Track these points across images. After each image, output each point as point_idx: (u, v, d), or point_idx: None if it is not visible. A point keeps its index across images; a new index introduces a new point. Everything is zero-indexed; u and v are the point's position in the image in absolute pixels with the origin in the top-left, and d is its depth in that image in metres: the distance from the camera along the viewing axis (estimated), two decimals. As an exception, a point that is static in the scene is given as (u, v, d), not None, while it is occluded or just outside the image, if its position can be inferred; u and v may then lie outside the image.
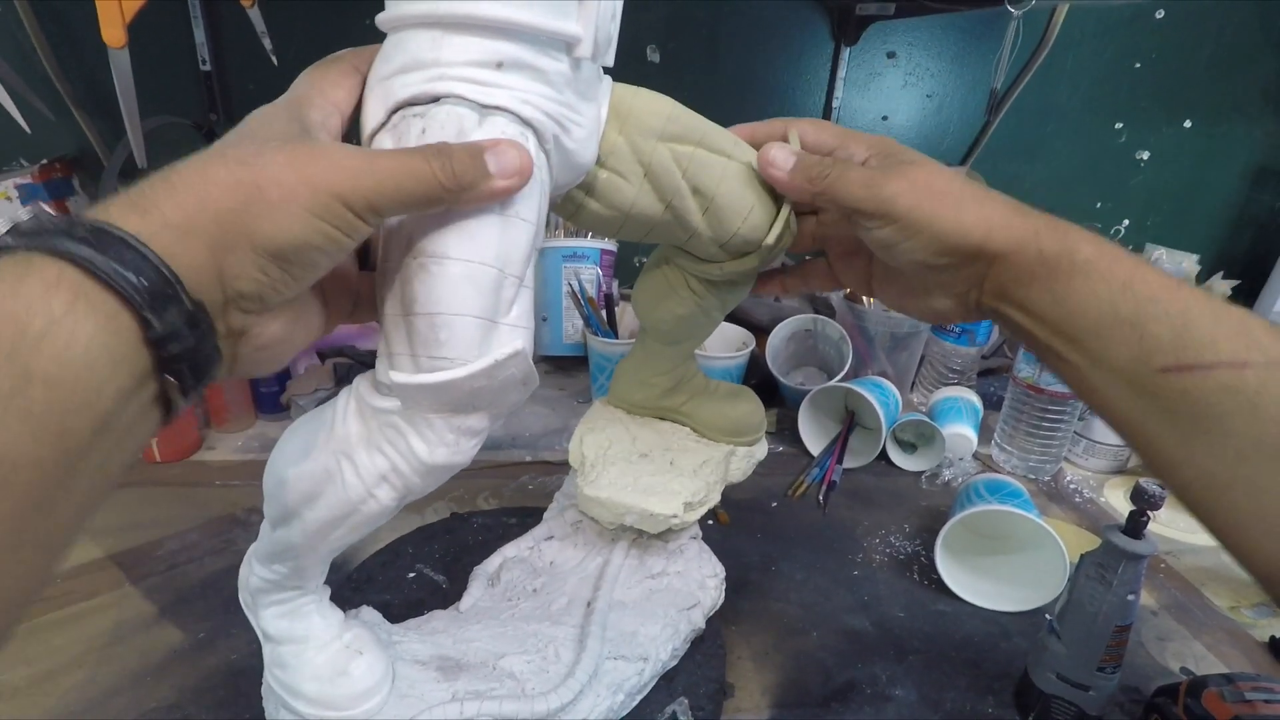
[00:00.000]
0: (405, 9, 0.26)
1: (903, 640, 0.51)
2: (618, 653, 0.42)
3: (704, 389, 0.51)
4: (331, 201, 0.23)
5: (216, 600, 0.51)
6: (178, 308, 0.20)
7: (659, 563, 0.50)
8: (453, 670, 0.40)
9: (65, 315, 0.18)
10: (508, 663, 0.41)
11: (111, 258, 0.19)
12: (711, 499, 0.47)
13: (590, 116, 0.31)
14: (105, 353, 0.19)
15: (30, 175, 0.93)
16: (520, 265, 0.29)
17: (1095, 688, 0.43)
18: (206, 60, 0.96)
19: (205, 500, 0.63)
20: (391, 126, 0.27)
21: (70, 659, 0.45)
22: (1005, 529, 0.60)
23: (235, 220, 0.22)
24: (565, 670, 0.40)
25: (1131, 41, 1.10)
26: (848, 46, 1.06)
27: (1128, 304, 0.26)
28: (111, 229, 0.20)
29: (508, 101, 0.27)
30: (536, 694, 0.38)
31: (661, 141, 0.34)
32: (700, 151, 0.35)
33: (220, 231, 0.21)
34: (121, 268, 0.19)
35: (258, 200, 0.22)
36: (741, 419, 0.51)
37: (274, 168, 0.22)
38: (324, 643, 0.36)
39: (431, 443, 0.30)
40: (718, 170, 0.35)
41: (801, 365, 0.89)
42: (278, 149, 0.23)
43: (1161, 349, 0.25)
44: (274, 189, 0.22)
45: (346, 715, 0.35)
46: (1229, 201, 1.24)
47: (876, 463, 0.75)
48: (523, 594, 0.48)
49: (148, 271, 0.20)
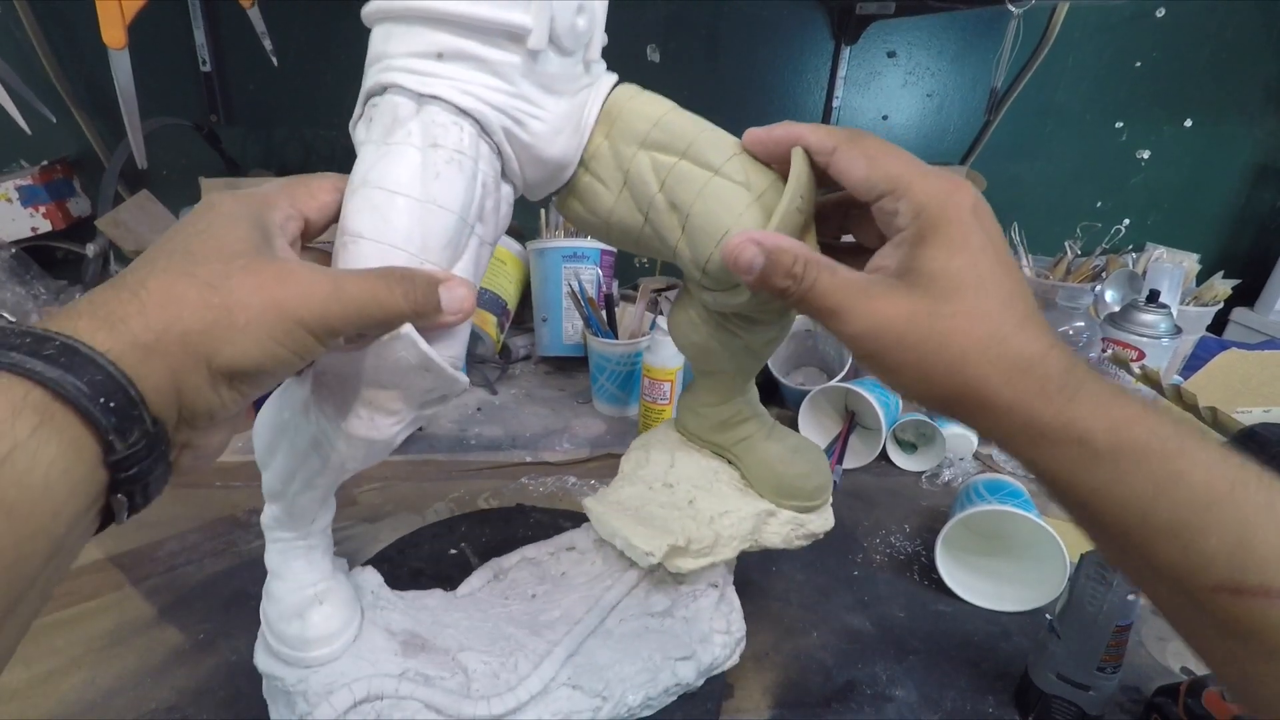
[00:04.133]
0: (367, 7, 0.29)
1: (903, 640, 0.51)
2: (576, 681, 0.40)
3: (763, 434, 0.45)
4: (294, 327, 0.23)
5: (216, 601, 0.51)
6: (140, 429, 0.20)
7: (664, 601, 0.45)
8: (415, 649, 0.40)
9: (29, 438, 0.18)
10: (467, 657, 0.40)
11: (81, 379, 0.19)
12: (721, 553, 0.42)
13: (557, 112, 0.30)
14: (64, 478, 0.19)
15: (31, 176, 0.93)
16: (438, 252, 0.29)
17: (1095, 687, 0.43)
18: (207, 61, 0.96)
19: (205, 502, 0.63)
20: (365, 115, 0.30)
21: (70, 660, 0.46)
22: (1005, 529, 0.60)
23: (198, 342, 0.22)
24: (515, 681, 0.39)
25: (1132, 40, 1.10)
26: (848, 45, 1.06)
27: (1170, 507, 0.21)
28: (81, 347, 0.19)
29: (445, 91, 0.28)
30: (478, 696, 0.38)
31: (644, 149, 0.32)
32: (683, 164, 0.32)
33: (183, 353, 0.21)
34: (91, 391, 0.19)
35: (224, 324, 0.22)
36: (790, 479, 0.44)
37: (241, 292, 0.23)
38: (297, 585, 0.38)
39: (346, 414, 0.30)
40: (696, 186, 0.32)
41: (802, 365, 0.89)
42: (246, 271, 0.23)
43: (1214, 566, 0.21)
44: (241, 313, 0.22)
45: (294, 654, 0.37)
46: (1230, 200, 1.24)
47: (877, 463, 0.75)
48: (520, 596, 0.48)
49: (116, 394, 0.20)
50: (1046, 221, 1.19)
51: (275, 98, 1.02)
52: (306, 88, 1.01)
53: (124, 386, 0.20)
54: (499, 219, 0.32)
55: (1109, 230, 1.18)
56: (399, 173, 0.28)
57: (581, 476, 0.69)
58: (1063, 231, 1.18)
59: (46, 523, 0.18)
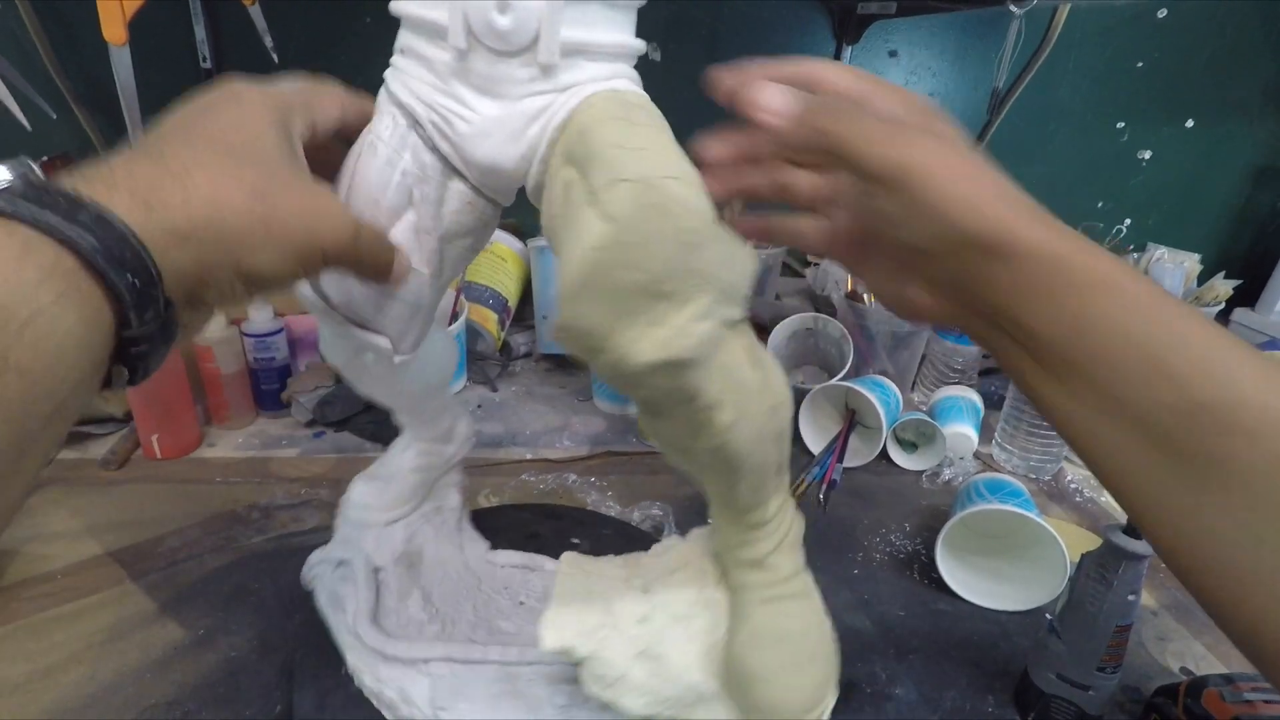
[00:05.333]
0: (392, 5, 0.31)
1: (903, 639, 0.51)
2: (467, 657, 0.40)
3: (761, 594, 0.34)
4: (315, 253, 0.26)
5: (217, 597, 0.51)
6: (154, 308, 0.21)
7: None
8: (408, 564, 0.47)
9: (52, 304, 0.18)
10: (441, 600, 0.45)
11: (110, 252, 0.19)
12: (624, 702, 0.33)
13: (486, 114, 0.29)
14: (77, 345, 0.19)
15: (31, 172, 0.93)
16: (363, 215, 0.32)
17: (1095, 687, 0.43)
18: (207, 58, 0.96)
19: (206, 497, 0.63)
20: None
21: (71, 655, 0.45)
22: (1006, 528, 0.60)
23: (233, 243, 0.23)
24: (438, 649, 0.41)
25: (1133, 41, 1.10)
26: (849, 45, 1.06)
27: (1156, 339, 0.23)
28: (115, 222, 0.20)
29: (392, 83, 0.31)
30: (397, 631, 0.42)
31: (567, 163, 0.28)
32: (577, 184, 0.27)
33: (216, 248, 0.23)
34: (120, 266, 0.20)
35: (260, 233, 0.24)
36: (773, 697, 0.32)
37: (283, 210, 0.24)
38: (384, 459, 0.49)
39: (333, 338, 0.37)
40: (570, 212, 0.27)
41: (802, 364, 0.89)
42: (288, 189, 0.25)
43: (1181, 386, 0.22)
44: (278, 228, 0.24)
45: (347, 493, 0.48)
46: (1230, 201, 1.24)
47: (877, 462, 0.75)
48: (514, 594, 0.48)
49: (141, 272, 0.20)
50: (1047, 222, 1.19)
51: (276, 95, 1.02)
52: (308, 85, 1.01)
53: (149, 267, 0.21)
54: (441, 211, 0.32)
55: (1110, 230, 1.18)
56: (354, 147, 0.32)
57: (582, 474, 0.69)
58: (1064, 232, 1.17)
59: (54, 385, 0.19)
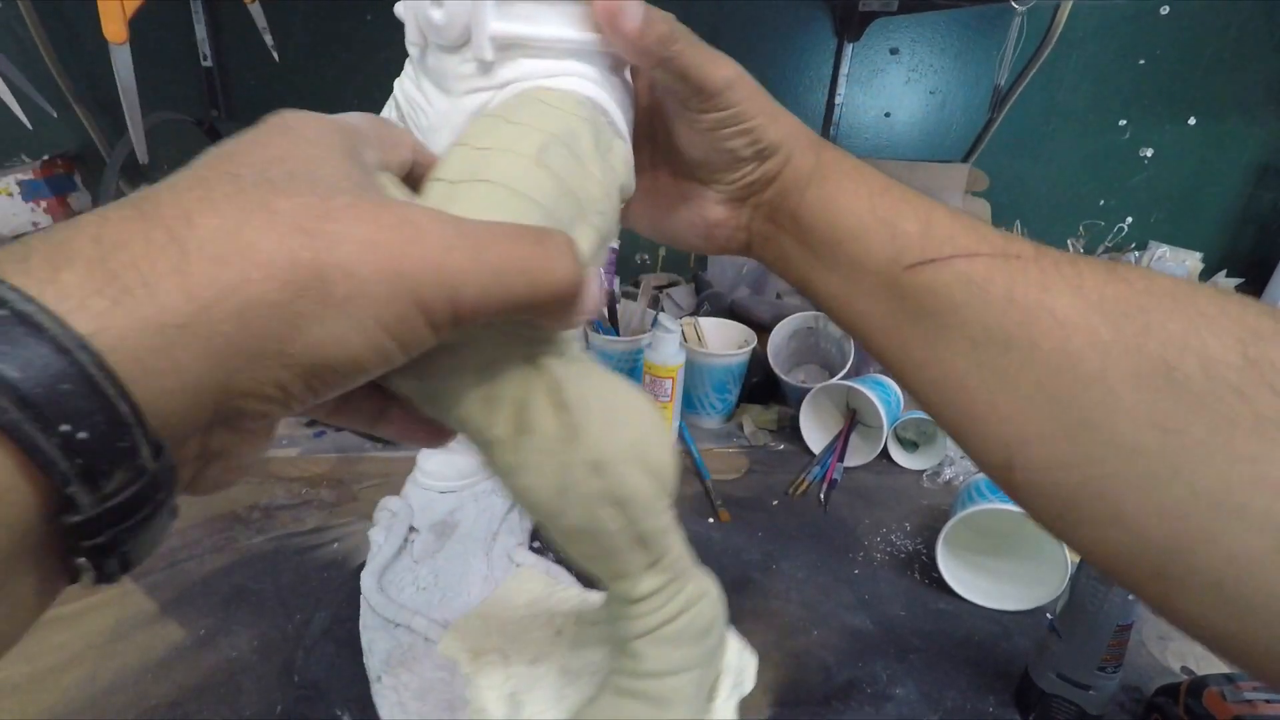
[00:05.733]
0: None
1: (904, 639, 0.51)
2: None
3: (620, 687, 0.26)
4: (411, 310, 0.16)
5: (217, 597, 0.51)
6: (126, 469, 0.13)
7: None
8: (439, 534, 0.54)
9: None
10: (449, 576, 0.50)
11: (30, 390, 0.11)
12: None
13: (438, 109, 0.29)
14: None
15: (32, 171, 0.94)
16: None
17: (1096, 687, 0.43)
18: (208, 56, 0.96)
19: (206, 497, 0.62)
20: None
21: (71, 656, 0.46)
22: (1006, 527, 0.59)
23: (270, 319, 0.14)
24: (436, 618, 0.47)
25: (1135, 38, 1.10)
26: (850, 43, 1.06)
27: (884, 206, 0.28)
28: (48, 328, 0.12)
29: (399, 78, 0.31)
30: (392, 589, 0.49)
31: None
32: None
33: (242, 334, 0.14)
34: (50, 414, 0.12)
35: (315, 294, 0.14)
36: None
37: (347, 247, 0.15)
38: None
39: None
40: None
41: (803, 363, 0.89)
42: (353, 215, 0.15)
43: (910, 246, 0.27)
44: (343, 282, 0.15)
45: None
46: (1233, 199, 1.24)
47: (878, 461, 0.75)
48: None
49: (91, 415, 0.12)
50: (1049, 220, 1.19)
51: (276, 93, 1.01)
52: (308, 83, 1.01)
53: (109, 401, 0.12)
54: None
55: (1112, 229, 1.17)
56: None
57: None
58: (1066, 230, 1.18)
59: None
